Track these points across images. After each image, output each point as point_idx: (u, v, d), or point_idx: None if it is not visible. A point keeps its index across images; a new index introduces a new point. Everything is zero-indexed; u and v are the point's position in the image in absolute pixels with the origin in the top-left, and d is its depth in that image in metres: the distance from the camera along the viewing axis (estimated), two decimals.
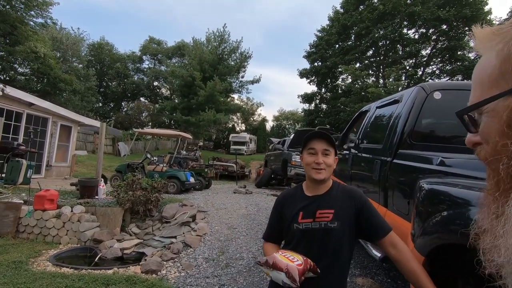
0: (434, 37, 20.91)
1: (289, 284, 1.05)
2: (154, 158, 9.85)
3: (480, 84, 0.54)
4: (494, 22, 18.28)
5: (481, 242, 0.55)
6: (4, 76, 23.51)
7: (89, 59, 35.42)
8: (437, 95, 2.38)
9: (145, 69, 40.53)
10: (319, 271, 1.20)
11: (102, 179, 6.96)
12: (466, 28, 19.31)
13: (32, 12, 22.69)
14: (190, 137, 13.19)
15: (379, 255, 2.19)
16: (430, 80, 21.07)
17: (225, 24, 26.14)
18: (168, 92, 39.08)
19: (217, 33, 25.58)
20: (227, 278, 3.53)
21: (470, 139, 0.58)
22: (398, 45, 22.05)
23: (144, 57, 40.43)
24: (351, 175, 3.62)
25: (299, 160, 8.88)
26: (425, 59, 21.79)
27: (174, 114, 24.58)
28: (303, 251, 1.28)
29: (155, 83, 40.12)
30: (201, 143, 23.90)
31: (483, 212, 0.56)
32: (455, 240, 1.21)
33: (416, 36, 21.48)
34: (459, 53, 19.71)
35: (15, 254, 4.07)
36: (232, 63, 26.16)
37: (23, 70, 25.14)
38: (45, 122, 9.51)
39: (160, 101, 35.35)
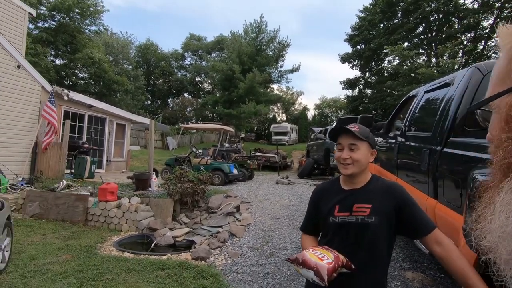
0: (498, 4, 18.34)
1: (318, 282, 1.06)
2: (199, 151, 10.28)
3: (492, 81, 0.56)
4: None
5: (474, 230, 0.61)
6: (68, 81, 26.37)
7: (137, 60, 37.96)
8: None
9: (187, 66, 42.24)
10: (353, 267, 1.18)
11: (154, 173, 7.53)
12: None
13: (87, 21, 24.99)
14: (232, 130, 13.51)
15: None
16: (494, 55, 18.67)
17: (262, 14, 25.93)
18: (210, 86, 40.27)
19: (254, 24, 25.54)
20: (271, 267, 3.64)
21: (487, 135, 0.60)
22: (454, 18, 19.81)
23: (186, 54, 42.07)
24: (398, 165, 3.43)
25: None
26: (486, 31, 19.28)
27: (216, 108, 25.32)
28: (338, 245, 1.26)
29: (197, 79, 41.59)
30: (243, 135, 24.34)
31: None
32: None
33: (476, 6, 19.05)
34: None
35: (86, 240, 4.66)
36: (271, 53, 25.96)
37: (82, 75, 27.93)
38: (103, 122, 10.52)
39: (202, 95, 36.66)
